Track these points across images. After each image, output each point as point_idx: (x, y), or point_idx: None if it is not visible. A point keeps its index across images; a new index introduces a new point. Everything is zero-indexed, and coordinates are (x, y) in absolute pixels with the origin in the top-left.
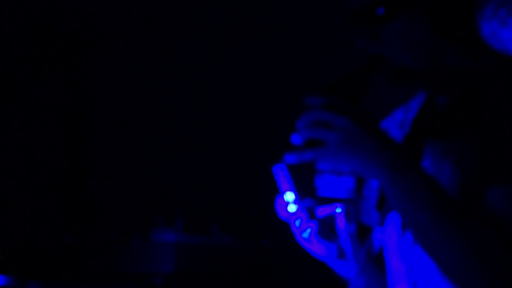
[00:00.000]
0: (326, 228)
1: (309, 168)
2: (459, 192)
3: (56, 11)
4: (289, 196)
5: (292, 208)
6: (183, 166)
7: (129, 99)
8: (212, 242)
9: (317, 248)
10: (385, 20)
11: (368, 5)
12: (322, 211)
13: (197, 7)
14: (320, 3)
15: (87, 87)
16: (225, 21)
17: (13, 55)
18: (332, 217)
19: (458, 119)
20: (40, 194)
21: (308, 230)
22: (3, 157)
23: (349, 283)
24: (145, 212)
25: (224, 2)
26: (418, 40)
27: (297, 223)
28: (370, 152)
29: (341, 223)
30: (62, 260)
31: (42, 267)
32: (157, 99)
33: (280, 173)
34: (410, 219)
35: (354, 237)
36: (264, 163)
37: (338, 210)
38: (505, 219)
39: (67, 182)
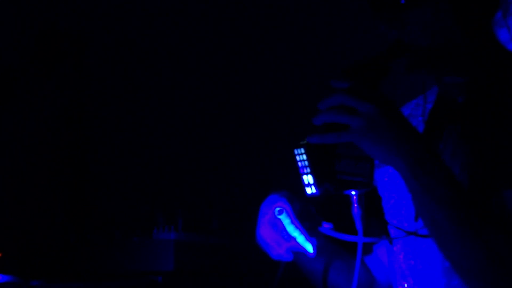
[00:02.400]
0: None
1: (328, 151)
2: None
3: (57, 11)
4: (308, 178)
5: (310, 190)
6: (184, 165)
7: (129, 99)
8: (213, 241)
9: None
10: (408, 6)
11: None
12: None
13: (199, 5)
14: None
15: (87, 87)
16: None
17: (13, 55)
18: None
19: (469, 119)
20: (40, 194)
21: None
22: (3, 157)
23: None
24: (146, 211)
25: None
26: (439, 28)
27: None
28: (393, 141)
29: (355, 206)
30: (63, 259)
31: (42, 267)
32: (157, 99)
33: (300, 156)
34: (426, 214)
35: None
36: (264, 162)
37: (353, 193)
38: None
39: (67, 181)
